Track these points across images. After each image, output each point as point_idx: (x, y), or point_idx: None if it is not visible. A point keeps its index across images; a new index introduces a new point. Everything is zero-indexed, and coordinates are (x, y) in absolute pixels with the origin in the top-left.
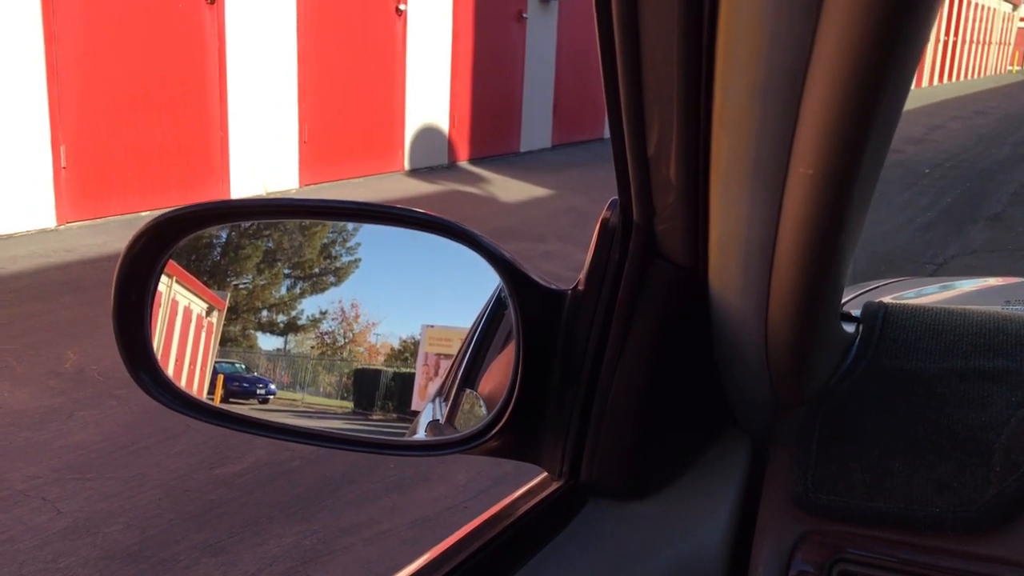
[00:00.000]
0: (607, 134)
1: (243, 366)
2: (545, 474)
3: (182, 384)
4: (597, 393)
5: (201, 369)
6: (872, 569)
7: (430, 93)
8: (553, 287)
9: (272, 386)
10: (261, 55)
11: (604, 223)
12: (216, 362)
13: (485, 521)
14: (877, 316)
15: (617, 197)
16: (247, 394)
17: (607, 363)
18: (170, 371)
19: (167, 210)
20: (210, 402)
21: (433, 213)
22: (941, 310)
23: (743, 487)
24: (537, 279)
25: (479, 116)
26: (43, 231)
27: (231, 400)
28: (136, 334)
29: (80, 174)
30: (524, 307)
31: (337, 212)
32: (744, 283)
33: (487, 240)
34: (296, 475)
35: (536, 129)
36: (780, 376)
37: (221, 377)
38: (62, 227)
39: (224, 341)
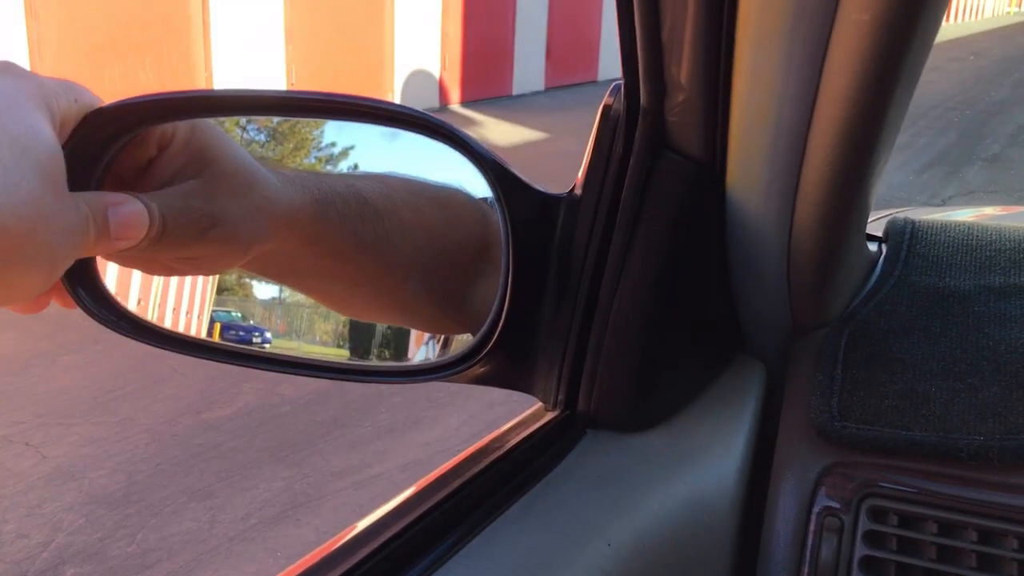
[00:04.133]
0: (601, 76)
1: (239, 315)
2: (539, 404)
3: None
4: (596, 311)
5: (198, 318)
6: (907, 504)
7: (421, 34)
8: (547, 190)
9: (268, 334)
10: None
11: (606, 111)
12: (212, 311)
13: (472, 454)
14: (904, 232)
15: (622, 81)
16: (243, 343)
17: (608, 276)
18: (168, 321)
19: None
20: (155, 323)
21: (414, 109)
22: (973, 224)
23: (757, 417)
24: (528, 181)
25: (471, 58)
26: None
27: None
28: None
29: None
30: (513, 212)
31: (308, 106)
32: (768, 179)
33: (472, 139)
34: (285, 420)
35: (529, 71)
36: (802, 292)
37: (218, 325)
38: None
39: (220, 290)
